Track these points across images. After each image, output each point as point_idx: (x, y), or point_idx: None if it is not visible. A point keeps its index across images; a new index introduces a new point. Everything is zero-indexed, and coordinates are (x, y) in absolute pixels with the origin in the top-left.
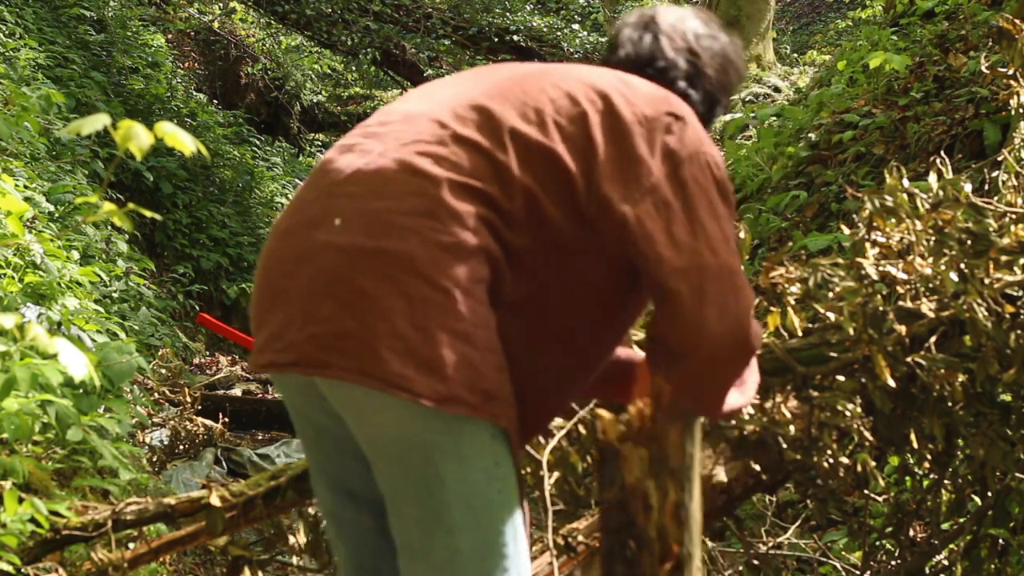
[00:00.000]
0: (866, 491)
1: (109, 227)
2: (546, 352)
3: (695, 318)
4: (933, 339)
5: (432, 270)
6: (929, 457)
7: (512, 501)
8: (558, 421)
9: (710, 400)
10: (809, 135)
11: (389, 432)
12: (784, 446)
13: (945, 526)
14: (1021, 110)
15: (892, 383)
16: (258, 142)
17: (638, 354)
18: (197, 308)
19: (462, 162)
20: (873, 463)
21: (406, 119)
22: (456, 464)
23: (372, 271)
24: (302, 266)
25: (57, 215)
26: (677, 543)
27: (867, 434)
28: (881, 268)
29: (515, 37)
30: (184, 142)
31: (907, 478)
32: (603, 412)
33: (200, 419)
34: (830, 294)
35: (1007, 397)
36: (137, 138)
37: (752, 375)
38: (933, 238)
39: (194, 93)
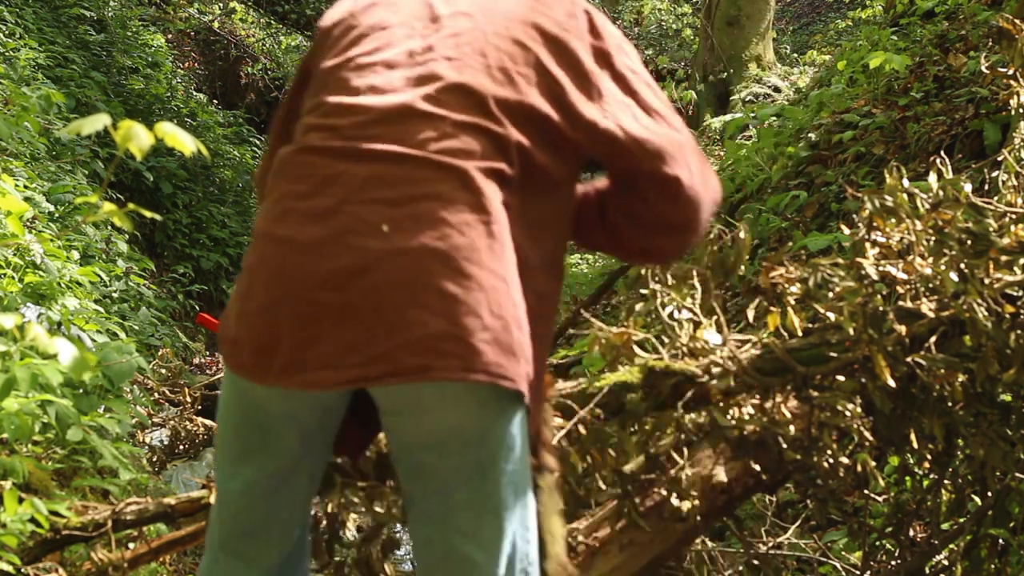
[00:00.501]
0: (866, 491)
1: (109, 227)
2: (550, 305)
3: (694, 194)
4: (933, 339)
5: (492, 260)
6: (929, 457)
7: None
8: (558, 421)
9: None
10: (809, 135)
11: (455, 423)
12: (784, 446)
13: (945, 526)
14: (1021, 110)
15: (892, 383)
16: (258, 142)
17: None
18: (197, 308)
19: (474, 147)
20: (873, 463)
21: (395, 116)
22: (508, 447)
23: (447, 270)
24: (361, 278)
25: (57, 215)
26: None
27: (867, 434)
28: (881, 268)
29: None
30: (184, 142)
31: (907, 478)
32: None
33: (200, 419)
34: (830, 294)
35: (1007, 397)
36: (137, 138)
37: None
38: (933, 238)
39: (194, 93)
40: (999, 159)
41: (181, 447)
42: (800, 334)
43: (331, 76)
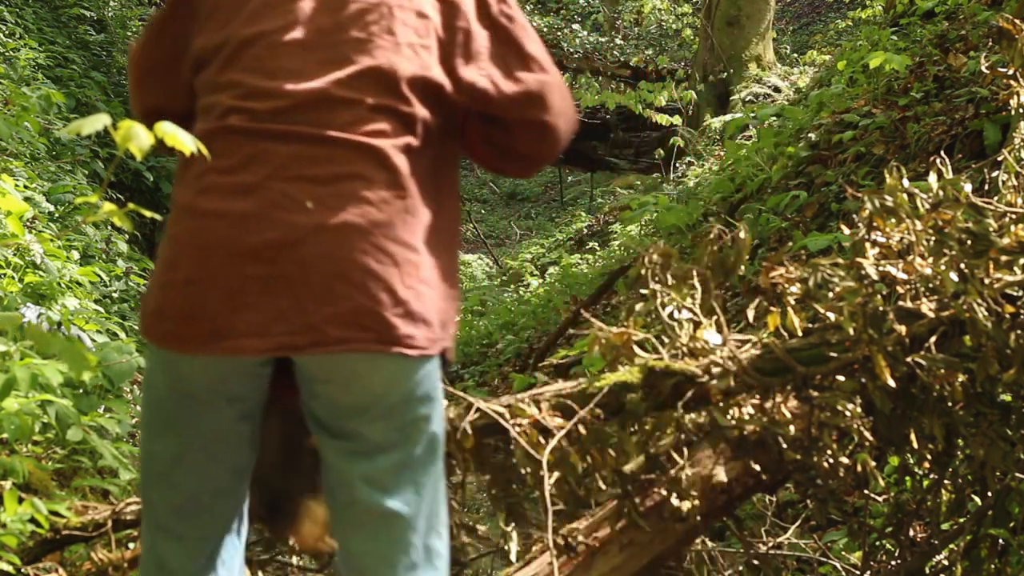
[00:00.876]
0: (866, 491)
1: (109, 227)
2: (452, 258)
3: (558, 134)
4: (933, 339)
5: (407, 234)
6: (929, 457)
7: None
8: (558, 421)
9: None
10: (809, 135)
11: (379, 390)
12: (784, 446)
13: (945, 526)
14: (1021, 110)
15: (892, 383)
16: None
17: None
18: None
19: (387, 128)
20: (873, 463)
21: (312, 103)
22: (429, 406)
23: (368, 246)
24: (290, 251)
25: (57, 215)
26: None
27: (867, 434)
28: (881, 268)
29: None
30: (184, 142)
31: (907, 478)
32: None
33: None
34: (830, 294)
35: (1007, 397)
36: (137, 138)
37: None
38: (933, 238)
39: None
40: (999, 159)
41: None
42: (800, 334)
43: (243, 50)
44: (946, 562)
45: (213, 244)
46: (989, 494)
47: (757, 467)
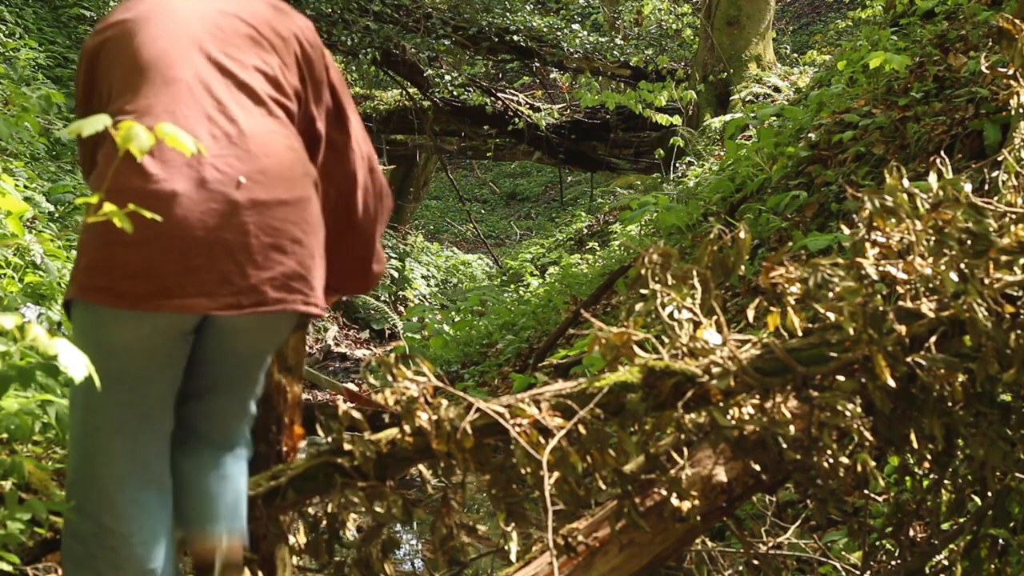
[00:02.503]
0: (866, 491)
1: None
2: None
3: None
4: (933, 339)
5: (318, 209)
6: (929, 457)
7: None
8: (558, 421)
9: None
10: (809, 135)
11: (279, 339)
12: (784, 446)
13: (945, 526)
14: (1021, 110)
15: (892, 383)
16: None
17: None
18: None
19: (288, 117)
20: (873, 463)
21: (228, 91)
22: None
23: (295, 219)
24: (231, 220)
25: (57, 215)
26: (299, 425)
27: (867, 434)
28: (881, 268)
29: (515, 37)
30: (184, 142)
31: (907, 478)
32: None
33: None
34: (830, 294)
35: (1007, 397)
36: (137, 138)
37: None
38: (933, 238)
39: None
40: (999, 159)
41: None
42: (800, 334)
43: None
44: (946, 562)
45: (161, 212)
46: (989, 494)
47: (757, 467)
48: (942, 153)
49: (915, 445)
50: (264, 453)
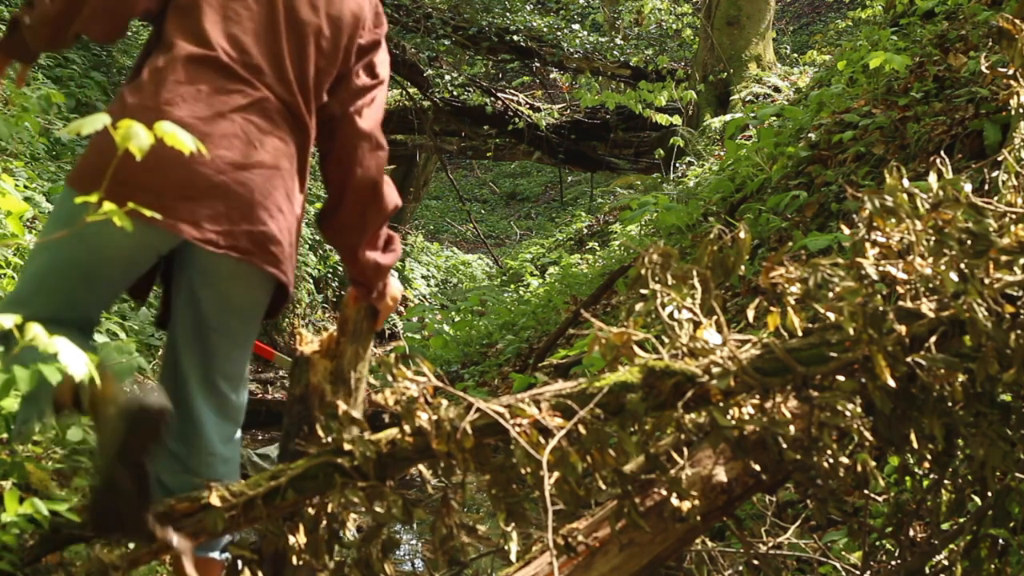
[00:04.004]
0: (866, 491)
1: None
2: None
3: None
4: (933, 339)
5: (297, 191)
6: (929, 457)
7: None
8: (558, 421)
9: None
10: (809, 135)
11: (251, 295)
12: (784, 446)
13: (945, 526)
14: (1021, 110)
15: (892, 383)
16: None
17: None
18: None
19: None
20: (873, 463)
21: (254, 71)
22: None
23: (281, 190)
24: (241, 173)
25: None
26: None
27: (867, 434)
28: (881, 268)
29: (515, 37)
30: (184, 142)
31: (907, 478)
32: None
33: None
34: (830, 294)
35: (1007, 397)
36: (137, 138)
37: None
38: (933, 238)
39: None
40: (999, 159)
41: None
42: (800, 334)
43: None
44: (946, 562)
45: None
46: (989, 494)
47: (757, 467)
48: (942, 153)
49: (915, 445)
50: (296, 452)
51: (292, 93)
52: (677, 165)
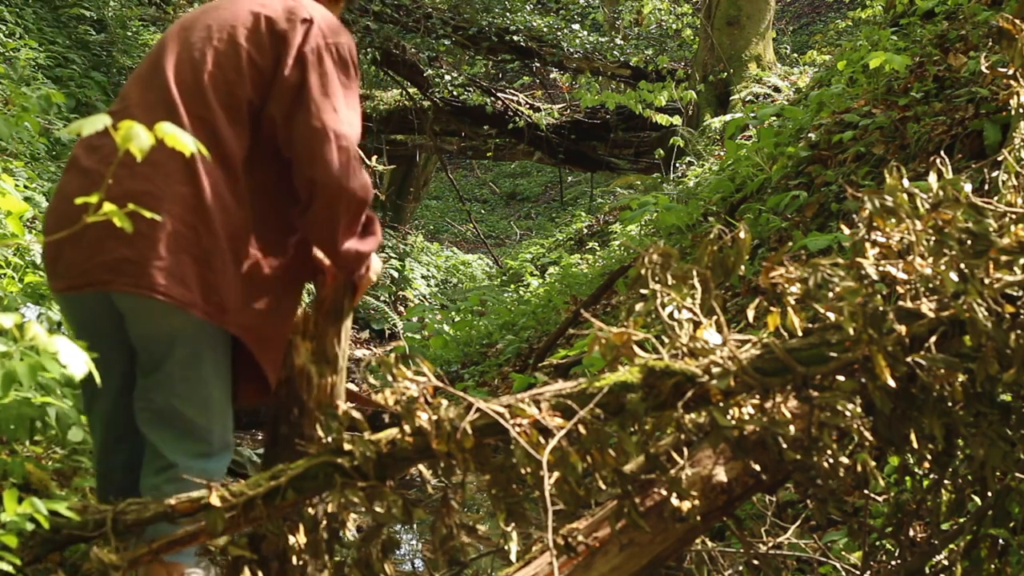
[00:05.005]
0: (866, 491)
1: None
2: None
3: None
4: (933, 339)
5: (193, 214)
6: (929, 457)
7: (225, 379)
8: (558, 421)
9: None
10: (809, 135)
11: (161, 328)
12: (784, 446)
13: (945, 526)
14: (1021, 110)
15: (892, 383)
16: None
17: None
18: None
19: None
20: (873, 463)
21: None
22: (205, 345)
23: (164, 210)
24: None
25: None
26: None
27: (867, 434)
28: (881, 268)
29: (515, 37)
30: (184, 143)
31: (907, 478)
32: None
33: None
34: (830, 294)
35: (1007, 397)
36: (137, 139)
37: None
38: (933, 238)
39: None
40: (999, 159)
41: None
42: (800, 334)
43: None
44: (946, 562)
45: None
46: (989, 494)
47: (757, 467)
48: (942, 153)
49: (915, 445)
50: (285, 434)
51: (177, 115)
52: (677, 165)
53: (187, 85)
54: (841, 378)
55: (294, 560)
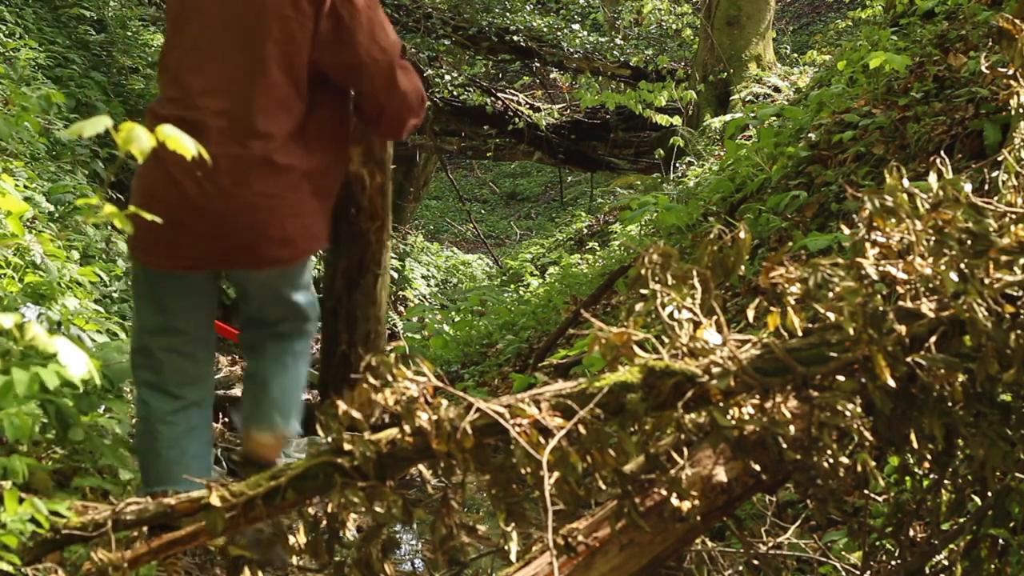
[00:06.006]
0: (866, 491)
1: (109, 227)
2: None
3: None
4: (933, 339)
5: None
6: (929, 457)
7: None
8: (558, 421)
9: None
10: (809, 135)
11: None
12: (784, 446)
13: (945, 526)
14: (1021, 110)
15: (892, 383)
16: None
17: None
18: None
19: None
20: (873, 463)
21: None
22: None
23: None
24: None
25: (57, 215)
26: (381, 208)
27: (867, 434)
28: (881, 268)
29: (515, 37)
30: (185, 145)
31: (907, 478)
32: None
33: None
34: (830, 294)
35: (1007, 397)
36: (138, 140)
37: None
38: (933, 238)
39: None
40: (999, 159)
41: None
42: (800, 334)
43: None
44: (946, 562)
45: None
46: (989, 494)
47: (757, 467)
48: (942, 153)
49: (915, 445)
50: (345, 231)
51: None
52: (677, 165)
53: (255, 63)
54: (841, 378)
55: (294, 560)
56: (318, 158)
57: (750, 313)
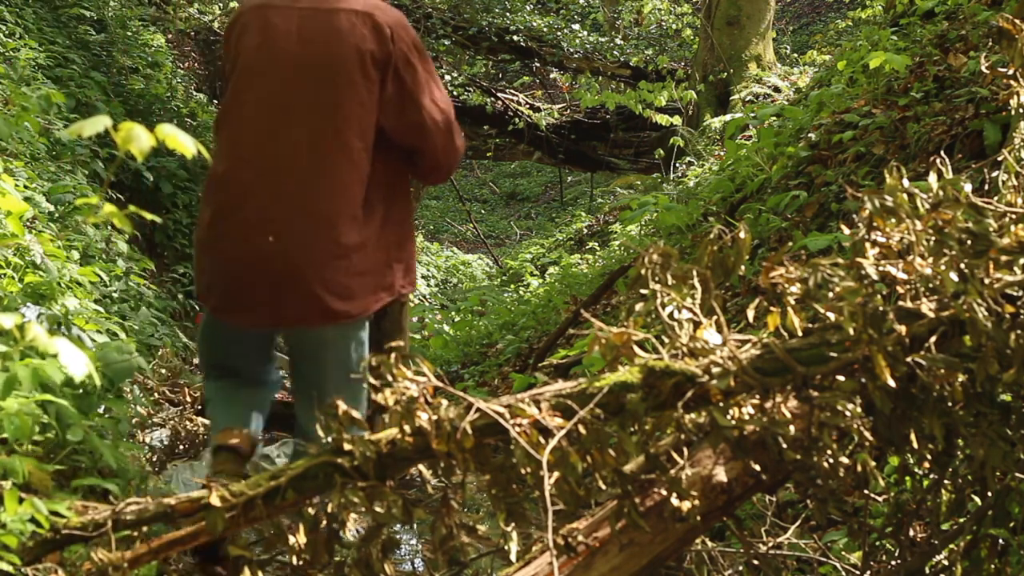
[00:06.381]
0: (866, 491)
1: (109, 227)
2: None
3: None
4: (933, 339)
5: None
6: (929, 457)
7: None
8: (558, 421)
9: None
10: (809, 135)
11: (313, 344)
12: (784, 446)
13: (945, 526)
14: (1021, 110)
15: (892, 383)
16: None
17: None
18: (197, 308)
19: None
20: (873, 463)
21: None
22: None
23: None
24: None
25: (57, 215)
26: None
27: (867, 434)
28: (881, 268)
29: (515, 37)
30: (185, 144)
31: (907, 478)
32: None
33: (200, 419)
34: (830, 294)
35: (1007, 397)
36: (138, 140)
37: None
38: (933, 238)
39: (194, 93)
40: (999, 159)
41: (181, 447)
42: (800, 334)
43: None
44: (946, 562)
45: None
46: (989, 494)
47: (757, 467)
48: (942, 153)
49: (915, 445)
50: None
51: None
52: (677, 165)
53: (326, 129)
54: (841, 378)
55: (294, 560)
56: (384, 215)
57: (750, 313)
